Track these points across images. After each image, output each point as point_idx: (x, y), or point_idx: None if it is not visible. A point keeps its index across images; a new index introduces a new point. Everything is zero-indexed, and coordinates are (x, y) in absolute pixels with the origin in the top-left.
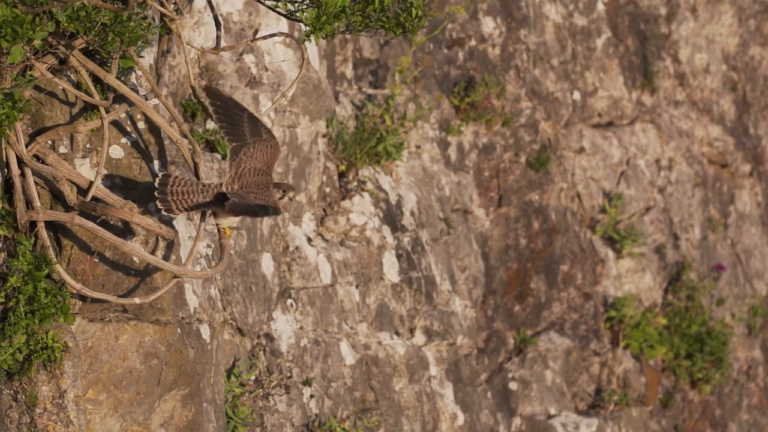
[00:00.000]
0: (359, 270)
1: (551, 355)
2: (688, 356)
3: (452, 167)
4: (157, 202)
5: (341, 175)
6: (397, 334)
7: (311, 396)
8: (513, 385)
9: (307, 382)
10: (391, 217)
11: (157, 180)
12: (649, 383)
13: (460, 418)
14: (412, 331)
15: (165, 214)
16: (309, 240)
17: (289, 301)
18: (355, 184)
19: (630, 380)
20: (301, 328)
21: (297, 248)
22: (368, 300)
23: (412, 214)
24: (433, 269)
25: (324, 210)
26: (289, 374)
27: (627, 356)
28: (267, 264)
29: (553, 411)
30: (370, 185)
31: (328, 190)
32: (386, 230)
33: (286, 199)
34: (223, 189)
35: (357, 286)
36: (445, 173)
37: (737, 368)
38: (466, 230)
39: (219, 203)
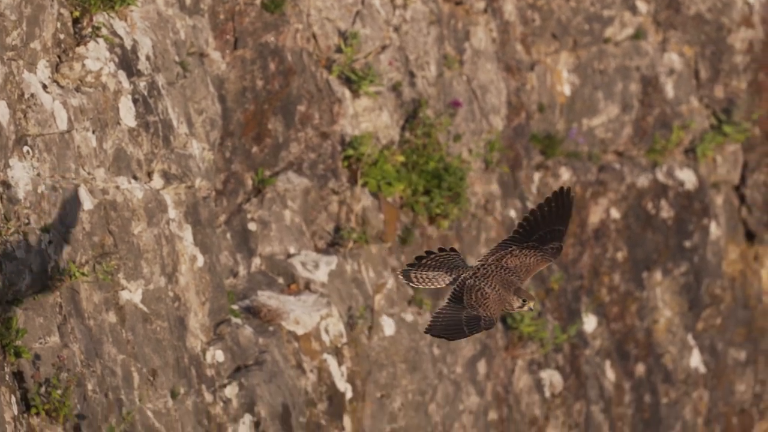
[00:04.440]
0: (96, 115)
1: (290, 195)
2: (426, 192)
3: (187, 11)
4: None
5: (75, 21)
6: (135, 178)
7: (50, 242)
8: (252, 226)
9: (45, 229)
10: (127, 62)
11: (400, 272)
12: (387, 220)
13: (200, 260)
14: (150, 174)
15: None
16: (44, 87)
17: (26, 148)
18: (90, 30)
19: (369, 217)
20: (38, 174)
21: (32, 95)
22: (105, 145)
23: (148, 58)
24: (169, 113)
25: (59, 56)
26: (26, 221)
27: (365, 194)
28: (2, 111)
29: (292, 250)
30: (104, 31)
31: (62, 36)
32: (122, 75)
33: (525, 308)
34: (464, 277)
35: (94, 132)
36: (180, 17)
37: (475, 203)
38: (203, 73)
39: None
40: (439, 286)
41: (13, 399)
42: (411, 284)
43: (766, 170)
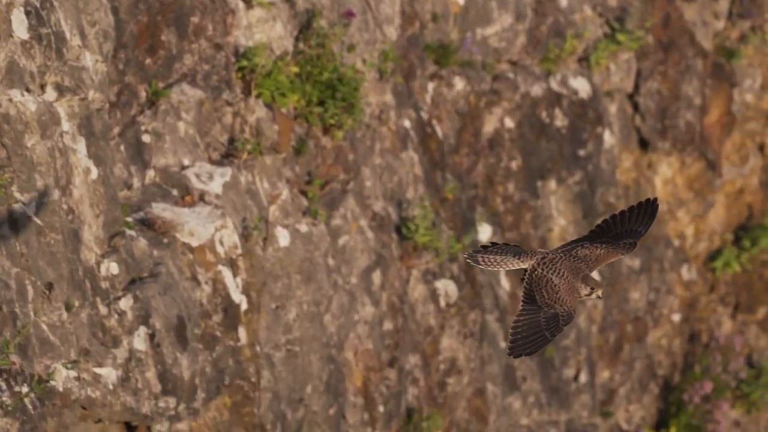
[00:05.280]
0: None
1: (184, 107)
2: (320, 103)
3: None
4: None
5: None
6: (28, 90)
7: None
8: (146, 138)
9: None
10: None
11: (467, 253)
12: (281, 131)
13: (94, 172)
14: (43, 87)
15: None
16: None
17: None
18: None
19: (263, 129)
20: None
21: None
22: None
23: None
24: (62, 25)
25: None
26: None
27: (259, 105)
28: None
29: (186, 162)
30: None
31: None
32: None
33: (594, 296)
34: (530, 264)
35: None
36: None
37: (369, 113)
38: None
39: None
40: (508, 269)
41: None
42: (479, 266)
43: (660, 78)
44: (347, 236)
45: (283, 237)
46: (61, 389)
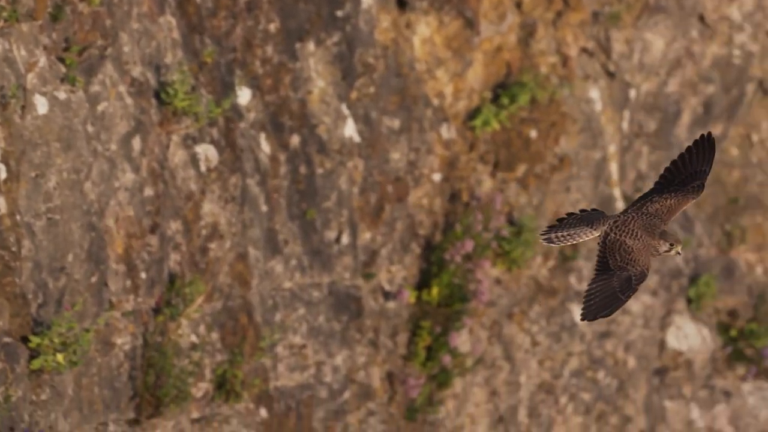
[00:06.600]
0: None
1: None
2: None
3: None
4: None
5: None
6: None
7: None
8: None
9: None
10: None
11: (542, 233)
12: None
13: None
14: None
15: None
16: None
17: None
18: None
19: None
20: None
21: None
22: None
23: None
24: None
25: None
26: None
27: None
28: None
29: None
30: None
31: None
32: None
33: (673, 252)
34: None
35: None
36: None
37: None
38: None
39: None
40: (582, 240)
41: None
42: (552, 244)
43: None
44: (106, 102)
45: (41, 105)
46: None
